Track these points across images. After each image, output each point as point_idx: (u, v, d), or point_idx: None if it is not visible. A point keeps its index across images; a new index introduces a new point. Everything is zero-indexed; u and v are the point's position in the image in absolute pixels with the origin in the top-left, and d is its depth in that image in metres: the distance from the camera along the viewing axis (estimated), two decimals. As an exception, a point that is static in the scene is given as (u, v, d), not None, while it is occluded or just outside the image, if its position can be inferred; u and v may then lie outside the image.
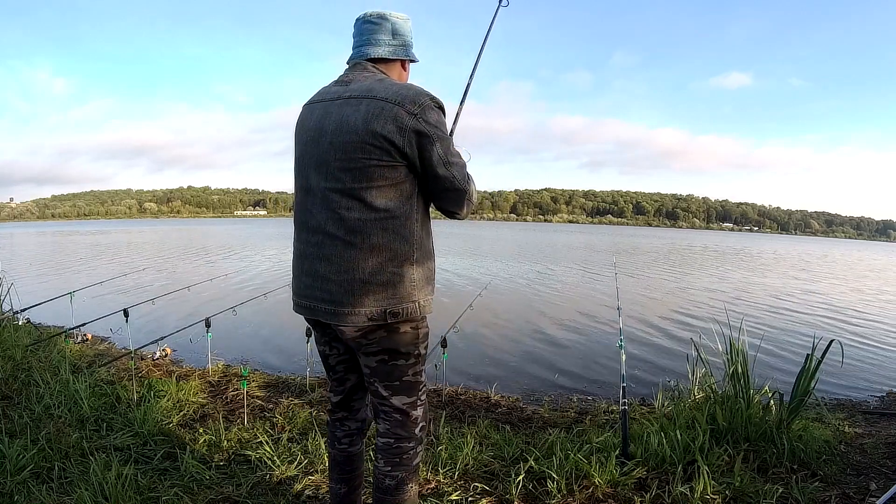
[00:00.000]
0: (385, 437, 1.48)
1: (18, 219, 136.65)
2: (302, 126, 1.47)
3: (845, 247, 61.80)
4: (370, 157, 1.31)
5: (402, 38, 1.48)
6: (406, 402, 1.47)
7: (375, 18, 1.45)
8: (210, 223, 79.67)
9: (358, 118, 1.32)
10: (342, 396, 1.61)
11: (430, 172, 1.37)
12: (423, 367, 1.51)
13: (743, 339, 2.72)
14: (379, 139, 1.30)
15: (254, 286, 9.32)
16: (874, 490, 2.14)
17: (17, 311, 4.82)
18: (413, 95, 1.33)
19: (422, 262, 1.41)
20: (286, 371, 4.25)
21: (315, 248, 1.39)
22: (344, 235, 1.34)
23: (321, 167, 1.37)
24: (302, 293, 1.46)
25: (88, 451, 2.25)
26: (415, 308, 1.39)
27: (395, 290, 1.36)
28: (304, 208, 1.44)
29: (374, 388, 1.48)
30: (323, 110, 1.40)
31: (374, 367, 1.45)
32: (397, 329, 1.40)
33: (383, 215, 1.33)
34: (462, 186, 1.41)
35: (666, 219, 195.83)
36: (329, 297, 1.37)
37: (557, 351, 5.60)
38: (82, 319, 4.61)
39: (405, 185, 1.36)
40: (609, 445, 2.40)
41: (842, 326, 7.59)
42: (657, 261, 19.78)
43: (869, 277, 16.96)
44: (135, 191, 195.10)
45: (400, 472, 1.45)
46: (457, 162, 1.40)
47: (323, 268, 1.38)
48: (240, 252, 18.70)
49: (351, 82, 1.41)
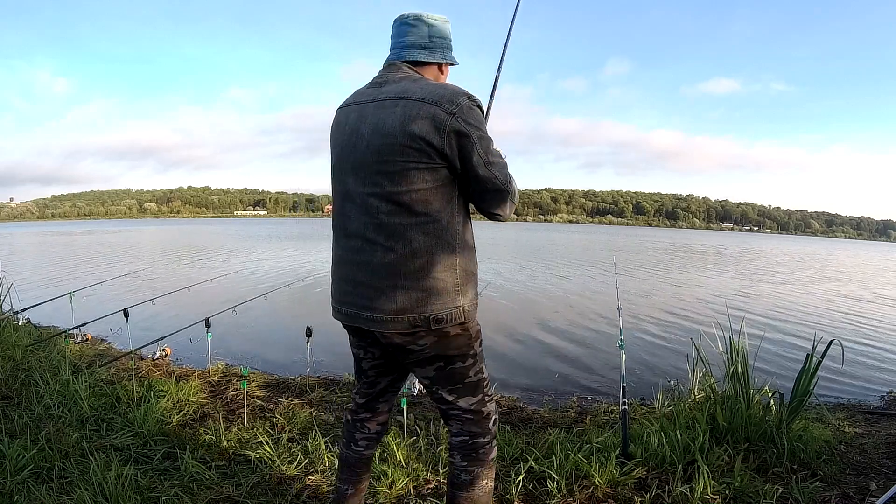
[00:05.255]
0: (459, 436, 1.46)
1: (18, 219, 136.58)
2: (337, 129, 1.44)
3: (846, 247, 61.77)
4: (408, 160, 1.27)
5: (440, 41, 1.44)
6: (473, 401, 1.45)
7: (412, 20, 1.41)
8: (208, 223, 79.61)
9: (395, 120, 1.28)
10: (368, 399, 1.61)
11: (470, 173, 1.32)
12: (483, 364, 1.47)
13: (743, 338, 2.72)
14: (417, 141, 1.26)
15: (254, 286, 9.32)
16: (874, 490, 2.14)
17: (17, 311, 4.83)
18: (450, 94, 1.29)
19: (465, 266, 1.37)
20: (286, 371, 4.25)
21: (354, 254, 1.36)
22: (384, 241, 1.31)
23: (359, 172, 1.34)
24: (342, 300, 1.42)
25: (88, 451, 2.25)
26: (459, 313, 1.35)
27: (439, 295, 1.32)
28: (343, 213, 1.41)
29: (439, 396, 1.45)
30: (358, 113, 1.37)
31: (434, 377, 1.42)
32: (447, 333, 1.36)
33: (424, 219, 1.30)
34: (504, 187, 1.35)
35: (666, 219, 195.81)
36: (370, 304, 1.34)
37: (557, 351, 5.60)
38: (82, 319, 4.61)
39: (446, 187, 1.32)
40: (609, 445, 2.40)
41: (842, 326, 7.59)
42: (657, 260, 19.78)
43: (870, 277, 16.96)
44: (135, 191, 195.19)
45: (476, 467, 1.44)
46: (497, 161, 1.35)
47: (363, 274, 1.35)
48: (240, 252, 18.70)
49: (385, 84, 1.37)
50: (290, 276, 10.75)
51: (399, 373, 1.59)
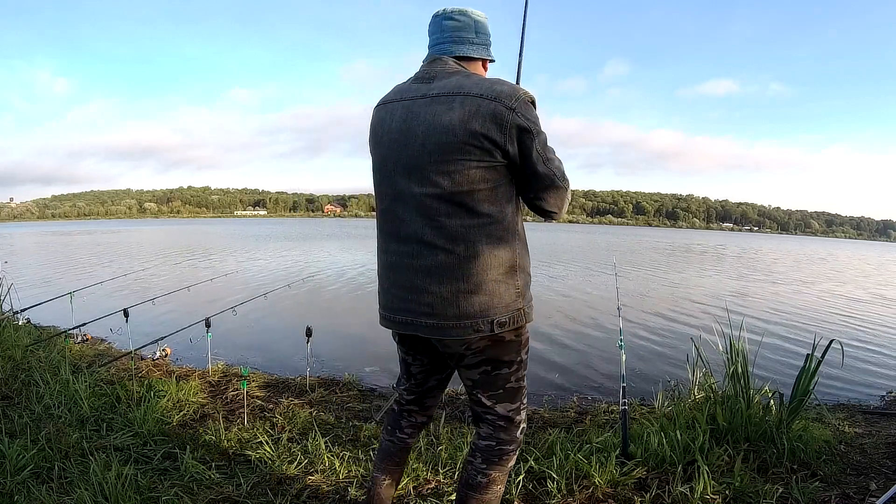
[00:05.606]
0: (487, 440, 1.43)
1: (18, 219, 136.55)
2: (381, 127, 1.37)
3: (846, 247, 61.76)
4: (470, 159, 1.22)
5: (483, 38, 1.41)
6: (510, 408, 1.42)
7: (458, 16, 1.37)
8: (208, 223, 79.62)
9: (453, 117, 1.23)
10: (417, 395, 1.60)
11: (528, 170, 1.28)
12: (524, 372, 1.45)
13: (743, 338, 2.72)
14: (479, 139, 1.21)
15: (254, 286, 9.32)
16: (874, 490, 2.14)
17: (17, 312, 4.83)
18: (508, 90, 1.25)
19: (524, 268, 1.36)
20: (286, 371, 4.25)
21: (411, 259, 1.31)
22: (445, 244, 1.26)
23: (414, 172, 1.28)
24: (395, 307, 1.37)
25: (88, 451, 2.25)
26: (520, 315, 1.33)
27: (501, 298, 1.29)
28: (393, 217, 1.34)
29: (477, 399, 1.43)
30: (405, 110, 1.31)
31: (477, 379, 1.40)
32: (502, 339, 1.33)
33: (486, 220, 1.26)
34: (562, 184, 1.32)
35: (666, 219, 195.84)
36: (430, 311, 1.29)
37: (557, 351, 5.60)
38: (82, 319, 4.60)
39: (506, 186, 1.29)
40: (609, 445, 2.40)
41: (842, 326, 7.59)
42: (657, 261, 19.77)
43: (870, 277, 16.96)
44: (135, 191, 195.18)
45: (494, 471, 1.42)
46: (554, 158, 1.31)
47: (421, 280, 1.29)
48: (240, 252, 18.70)
49: (434, 78, 1.31)
50: (290, 276, 10.76)
51: (448, 373, 1.58)
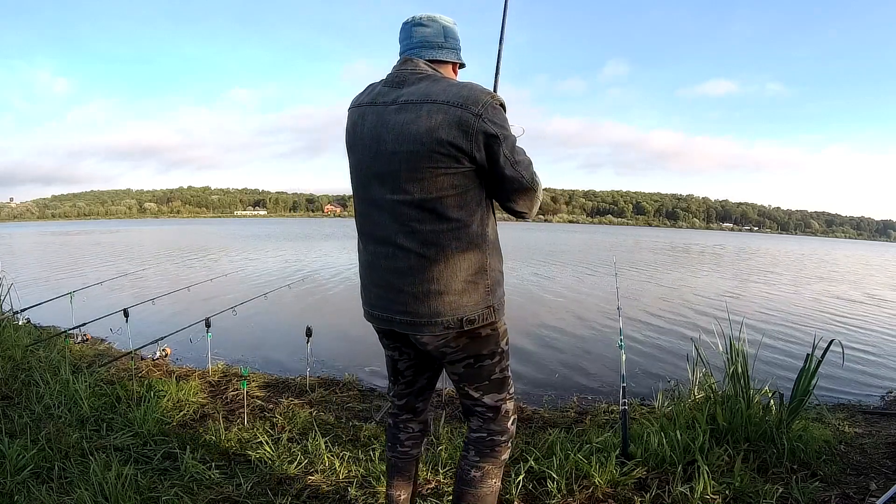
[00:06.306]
0: (478, 432, 1.48)
1: (18, 219, 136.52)
2: (354, 132, 1.41)
3: (846, 247, 61.76)
4: (438, 166, 1.26)
5: (453, 42, 1.44)
6: (497, 398, 1.48)
7: (427, 21, 1.40)
8: (208, 223, 79.63)
9: (420, 126, 1.25)
10: (408, 399, 1.62)
11: (497, 174, 1.32)
12: (508, 362, 1.50)
13: (743, 338, 2.72)
14: (446, 146, 1.24)
15: (254, 286, 9.32)
16: (874, 490, 2.14)
17: (17, 312, 4.83)
18: (474, 95, 1.27)
19: (494, 267, 1.39)
20: (286, 371, 4.26)
21: (387, 261, 1.36)
22: (417, 248, 1.31)
23: (386, 179, 1.32)
24: (375, 304, 1.44)
25: (88, 451, 2.25)
26: (489, 313, 1.38)
27: (471, 297, 1.34)
28: (370, 220, 1.40)
29: (465, 392, 1.48)
30: (377, 117, 1.34)
31: (462, 373, 1.45)
32: (479, 333, 1.39)
33: (455, 225, 1.30)
34: (530, 186, 1.36)
35: (666, 219, 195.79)
36: (405, 309, 1.36)
37: (557, 351, 5.60)
38: (82, 319, 4.60)
39: (475, 190, 1.32)
40: (609, 445, 2.40)
41: (842, 326, 7.59)
42: (657, 261, 19.78)
43: (870, 277, 16.96)
44: (135, 191, 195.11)
45: (487, 464, 1.46)
46: (522, 160, 1.34)
47: (397, 280, 1.35)
48: (240, 252, 18.70)
49: (404, 83, 1.34)
50: (290, 276, 10.76)
51: (435, 370, 1.61)
